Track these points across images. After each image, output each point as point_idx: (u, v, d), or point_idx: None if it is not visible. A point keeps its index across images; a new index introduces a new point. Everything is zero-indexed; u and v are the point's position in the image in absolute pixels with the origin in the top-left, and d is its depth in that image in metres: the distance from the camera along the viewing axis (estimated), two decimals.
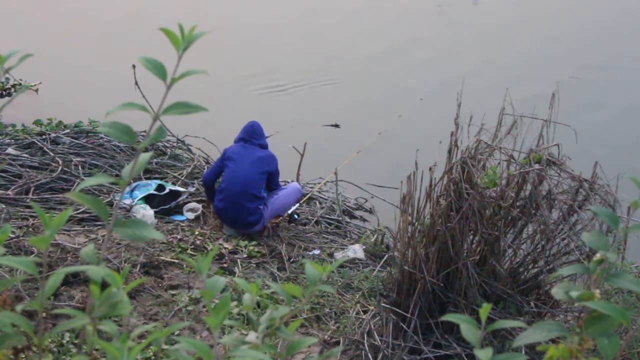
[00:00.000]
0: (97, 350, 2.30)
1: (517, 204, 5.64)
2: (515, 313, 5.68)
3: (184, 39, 2.16)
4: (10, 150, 9.35)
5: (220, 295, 2.46)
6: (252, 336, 2.21)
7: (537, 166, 5.48)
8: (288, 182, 9.15)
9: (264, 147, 8.55)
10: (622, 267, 6.28)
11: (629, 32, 16.49)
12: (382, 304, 6.04)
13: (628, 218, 4.65)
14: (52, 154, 9.28)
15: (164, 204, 8.68)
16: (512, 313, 5.66)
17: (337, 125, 12.24)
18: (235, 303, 6.40)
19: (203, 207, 8.84)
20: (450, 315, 2.18)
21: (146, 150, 2.20)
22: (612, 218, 2.36)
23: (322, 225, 9.26)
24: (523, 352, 4.74)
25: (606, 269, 2.22)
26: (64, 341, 5.63)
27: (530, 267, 5.97)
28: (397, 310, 5.90)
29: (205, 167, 9.74)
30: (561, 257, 5.77)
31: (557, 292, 2.24)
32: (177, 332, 6.14)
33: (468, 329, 2.12)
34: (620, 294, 6.46)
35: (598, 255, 2.24)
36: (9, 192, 8.27)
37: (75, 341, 5.59)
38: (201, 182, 9.17)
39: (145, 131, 2.42)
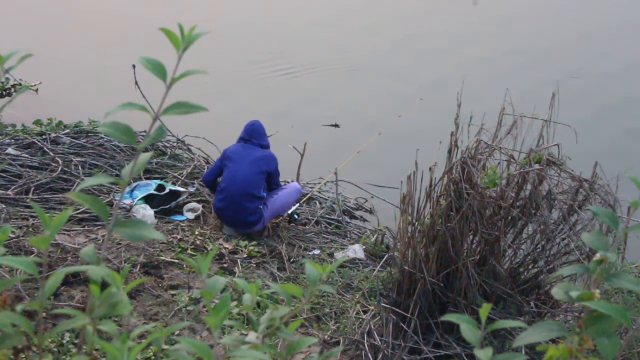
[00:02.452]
0: (97, 350, 2.30)
1: (517, 204, 5.65)
2: (515, 313, 5.68)
3: (184, 39, 2.16)
4: (10, 150, 9.35)
5: (220, 295, 2.46)
6: (252, 336, 2.21)
7: (537, 166, 5.48)
8: (288, 182, 9.14)
9: (265, 146, 8.54)
10: (622, 267, 6.29)
11: (630, 31, 16.47)
12: (382, 304, 6.04)
13: (628, 218, 4.65)
14: (52, 154, 9.28)
15: (164, 204, 8.68)
16: (512, 313, 5.66)
17: (337, 125, 12.23)
18: (235, 303, 6.39)
19: (203, 207, 8.84)
20: (450, 315, 2.18)
21: (146, 150, 2.20)
22: (611, 218, 2.36)
23: (322, 225, 9.26)
24: (523, 352, 4.74)
25: (606, 269, 2.22)
26: (64, 341, 5.63)
27: (530, 267, 5.98)
28: (397, 310, 5.90)
29: (206, 167, 9.74)
30: (561, 257, 5.78)
31: (557, 292, 2.24)
32: (177, 332, 6.14)
33: (468, 329, 2.12)
34: (620, 294, 6.47)
35: (598, 255, 2.24)
36: (9, 192, 8.27)
37: (75, 341, 5.59)
38: (201, 183, 9.18)
39: (145, 131, 2.42)
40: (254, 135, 8.47)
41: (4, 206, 7.67)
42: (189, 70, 2.13)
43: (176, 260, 7.39)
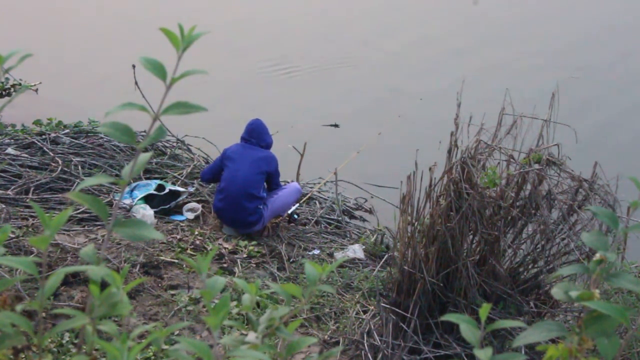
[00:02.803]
0: (96, 350, 2.30)
1: (517, 204, 5.65)
2: (515, 313, 5.68)
3: (184, 39, 2.16)
4: (10, 150, 9.35)
5: (220, 295, 2.46)
6: (251, 336, 2.21)
7: (536, 166, 5.48)
8: (288, 182, 9.14)
9: (266, 145, 8.53)
10: (621, 267, 6.30)
11: (629, 31, 16.48)
12: (382, 304, 6.04)
13: (628, 218, 4.66)
14: (51, 154, 9.28)
15: (164, 204, 8.68)
16: (511, 313, 5.66)
17: (336, 125, 12.23)
18: (235, 303, 6.39)
19: (203, 207, 8.84)
20: (450, 315, 2.18)
21: (146, 150, 2.20)
22: (611, 218, 2.36)
23: (322, 225, 9.26)
24: (523, 352, 4.75)
25: (606, 269, 2.22)
26: (64, 341, 5.63)
27: (530, 267, 5.98)
28: (397, 310, 5.90)
29: (205, 167, 9.74)
30: (561, 257, 5.78)
31: (556, 292, 2.24)
32: (177, 332, 6.14)
33: (468, 329, 2.12)
34: (620, 294, 6.47)
35: (598, 255, 2.24)
36: (9, 192, 8.27)
37: (75, 341, 5.60)
38: (201, 183, 9.19)
39: (145, 131, 2.42)
40: (253, 134, 8.47)
41: (3, 206, 7.67)
42: (188, 70, 2.13)
43: (176, 260, 7.39)
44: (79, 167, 9.17)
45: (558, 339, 2.19)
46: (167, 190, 8.75)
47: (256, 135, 8.47)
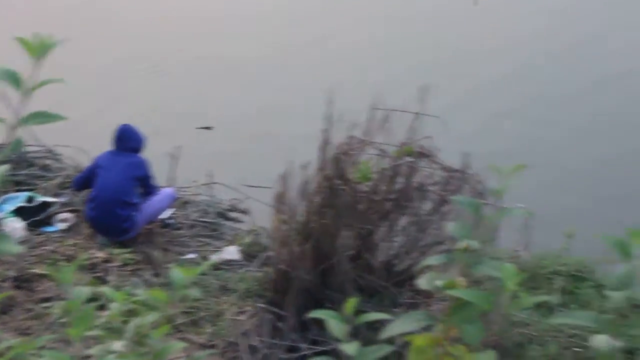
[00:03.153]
0: None
1: (390, 197, 5.71)
2: (390, 305, 5.74)
3: (40, 47, 2.13)
4: None
5: (87, 305, 2.42)
6: (117, 345, 2.19)
7: (408, 159, 5.56)
8: (162, 187, 9.04)
9: (136, 150, 8.42)
10: (493, 254, 6.42)
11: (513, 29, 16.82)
12: (259, 304, 6.04)
13: (497, 205, 4.75)
14: None
15: (35, 216, 8.50)
16: (387, 305, 5.72)
17: (209, 128, 12.17)
18: (107, 312, 6.29)
19: (75, 216, 8.68)
20: (318, 312, 2.20)
21: (3, 162, 2.16)
22: (474, 206, 2.41)
23: (197, 229, 9.19)
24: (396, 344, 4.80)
25: (473, 256, 2.27)
26: None
27: (404, 258, 6.05)
28: (274, 309, 5.90)
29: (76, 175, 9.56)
30: (433, 247, 5.87)
31: (422, 282, 2.27)
32: (48, 346, 6.01)
33: (334, 324, 2.13)
34: (490, 281, 6.59)
35: (462, 244, 2.28)
36: None
37: None
38: (73, 193, 9.03)
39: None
40: (123, 140, 8.35)
41: None
42: (45, 79, 2.11)
43: (48, 273, 7.23)
44: None
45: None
46: (37, 202, 8.58)
47: (125, 141, 8.35)
